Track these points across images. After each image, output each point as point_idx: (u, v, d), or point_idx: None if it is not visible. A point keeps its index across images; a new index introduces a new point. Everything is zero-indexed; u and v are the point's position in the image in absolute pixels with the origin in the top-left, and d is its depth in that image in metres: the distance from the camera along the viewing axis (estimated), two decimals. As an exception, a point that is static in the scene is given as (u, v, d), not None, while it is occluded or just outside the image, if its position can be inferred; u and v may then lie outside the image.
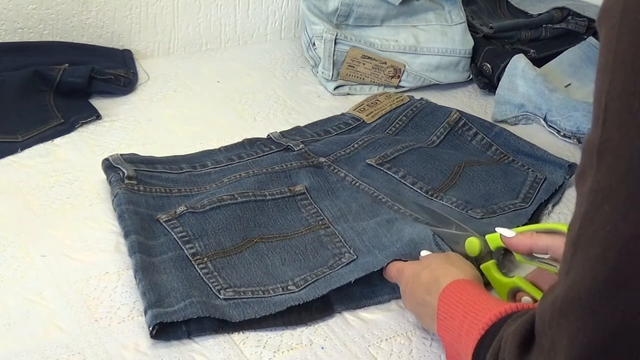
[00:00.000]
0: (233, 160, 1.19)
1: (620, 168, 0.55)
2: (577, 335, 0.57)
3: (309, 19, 1.47)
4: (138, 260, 0.98)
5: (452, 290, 0.84)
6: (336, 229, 1.07)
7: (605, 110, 0.56)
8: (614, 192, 0.55)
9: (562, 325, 0.58)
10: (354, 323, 0.97)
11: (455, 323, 0.81)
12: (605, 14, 0.57)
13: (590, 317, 0.56)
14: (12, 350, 0.89)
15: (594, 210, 0.56)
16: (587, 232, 0.57)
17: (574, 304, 0.57)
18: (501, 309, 0.75)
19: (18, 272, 1.00)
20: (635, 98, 0.54)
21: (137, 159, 1.17)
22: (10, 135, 1.24)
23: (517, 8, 1.61)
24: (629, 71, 0.54)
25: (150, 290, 0.94)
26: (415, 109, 1.33)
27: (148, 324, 0.91)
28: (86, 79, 1.34)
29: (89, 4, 1.45)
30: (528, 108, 1.38)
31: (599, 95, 0.56)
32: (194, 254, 1.01)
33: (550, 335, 0.60)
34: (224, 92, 1.43)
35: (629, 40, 0.54)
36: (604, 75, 0.56)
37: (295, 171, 1.16)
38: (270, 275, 1.00)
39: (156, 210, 1.08)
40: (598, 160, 0.56)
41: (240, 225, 1.06)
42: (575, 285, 0.57)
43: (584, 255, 0.57)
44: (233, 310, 0.94)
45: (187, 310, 0.92)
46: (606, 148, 0.56)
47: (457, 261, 0.91)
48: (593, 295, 0.56)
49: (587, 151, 0.58)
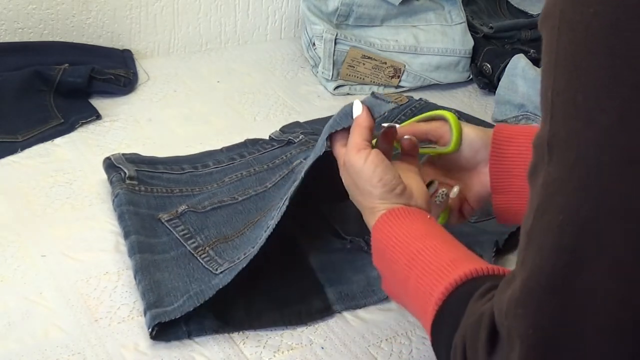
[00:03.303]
0: (235, 159, 1.20)
1: (570, 159, 0.57)
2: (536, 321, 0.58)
3: (309, 19, 1.47)
4: (138, 261, 0.99)
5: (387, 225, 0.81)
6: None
7: (552, 106, 0.58)
8: (565, 182, 0.57)
9: (519, 315, 0.59)
10: (354, 323, 0.97)
11: (398, 269, 0.78)
12: (545, 18, 0.59)
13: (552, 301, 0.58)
14: (12, 350, 0.89)
15: (546, 202, 0.58)
16: (541, 223, 0.58)
17: (534, 291, 0.58)
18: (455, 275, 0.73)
19: (18, 272, 1.00)
20: (578, 92, 0.56)
21: (139, 159, 1.17)
22: (10, 135, 1.24)
23: (517, 8, 1.61)
24: (571, 67, 0.57)
25: (149, 290, 0.94)
26: (414, 109, 1.33)
27: (147, 325, 0.91)
28: (86, 79, 1.34)
29: (89, 4, 1.45)
30: (528, 108, 1.38)
31: (545, 92, 0.59)
32: (196, 247, 1.02)
33: (506, 325, 0.60)
34: (224, 92, 1.43)
35: (569, 38, 0.57)
36: (548, 73, 0.58)
37: (295, 156, 1.16)
38: (259, 226, 1.00)
39: (157, 210, 1.08)
40: (549, 155, 0.58)
41: (241, 217, 1.07)
42: (534, 274, 0.58)
43: (539, 245, 0.59)
44: (227, 277, 0.94)
45: (184, 306, 0.92)
46: (555, 142, 0.58)
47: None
48: (555, 280, 0.57)
49: (538, 147, 0.60)
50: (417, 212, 0.83)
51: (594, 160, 0.56)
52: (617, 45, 0.55)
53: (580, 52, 0.56)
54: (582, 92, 0.56)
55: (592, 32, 0.56)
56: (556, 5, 0.58)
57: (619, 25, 0.54)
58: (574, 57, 0.56)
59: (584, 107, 0.56)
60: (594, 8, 0.55)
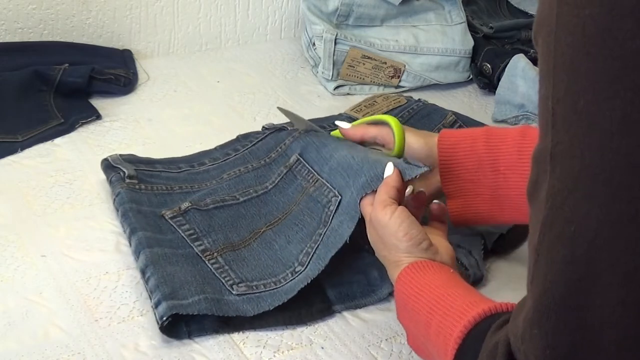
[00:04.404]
0: (229, 155, 1.19)
1: (575, 168, 0.55)
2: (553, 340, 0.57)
3: (309, 19, 1.47)
4: (147, 255, 0.98)
5: (410, 276, 0.82)
6: (322, 177, 1.05)
7: (552, 115, 0.56)
8: (572, 192, 0.56)
9: (534, 336, 0.58)
10: (354, 323, 0.97)
11: (420, 317, 0.79)
12: (540, 25, 0.58)
13: (568, 318, 0.56)
14: (12, 350, 0.89)
15: (553, 214, 0.57)
16: (549, 236, 0.57)
17: (549, 310, 0.57)
18: (474, 312, 0.73)
19: (18, 272, 1.00)
20: (579, 96, 0.55)
21: (136, 159, 1.17)
22: (10, 135, 1.24)
23: (517, 8, 1.61)
24: (570, 72, 0.55)
25: (164, 282, 0.94)
26: (412, 110, 1.33)
27: (161, 315, 0.90)
28: (86, 79, 1.34)
29: (89, 4, 1.45)
30: (528, 108, 1.38)
31: (545, 101, 0.57)
32: (203, 250, 1.01)
33: (522, 349, 0.59)
34: (224, 92, 1.43)
35: (567, 42, 0.55)
36: (547, 80, 0.57)
37: (290, 147, 1.14)
38: (279, 261, 1.00)
39: (159, 207, 1.08)
40: (552, 166, 0.57)
41: (245, 221, 1.06)
42: (547, 291, 0.57)
43: (549, 259, 0.57)
44: (247, 305, 0.94)
45: (201, 305, 0.92)
46: (558, 151, 0.56)
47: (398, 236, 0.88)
48: (570, 295, 0.56)
49: (539, 160, 0.58)
50: (441, 266, 0.84)
51: (599, 168, 0.54)
52: (615, 47, 0.53)
53: (578, 55, 0.55)
54: (582, 97, 0.55)
55: (589, 34, 0.54)
56: (552, 9, 0.56)
57: (614, 25, 0.53)
58: (572, 61, 0.55)
59: (585, 112, 0.55)
60: (589, 9, 0.54)
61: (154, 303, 0.93)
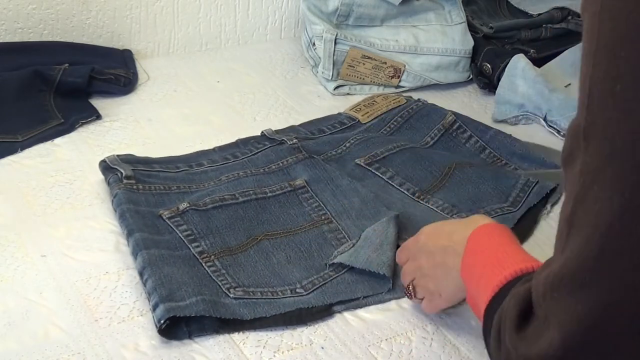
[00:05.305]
0: (228, 159, 1.19)
1: (605, 150, 0.57)
2: (568, 309, 0.59)
3: (309, 19, 1.47)
4: (145, 257, 0.98)
5: (481, 234, 0.85)
6: (340, 225, 1.08)
7: (589, 95, 0.58)
8: (601, 173, 0.58)
9: (555, 299, 0.61)
10: (354, 323, 0.97)
11: (476, 270, 0.82)
12: (587, 1, 0.60)
13: (580, 293, 0.59)
14: (12, 350, 0.89)
15: (584, 191, 0.59)
16: (579, 212, 0.60)
17: (565, 279, 0.60)
18: (517, 267, 0.76)
19: (18, 272, 1.00)
20: (617, 82, 0.56)
21: (134, 159, 1.17)
22: (10, 135, 1.24)
23: (517, 8, 1.61)
24: (610, 57, 0.57)
25: (161, 285, 0.94)
26: (411, 110, 1.33)
27: (159, 318, 0.91)
28: (86, 79, 1.34)
29: (89, 4, 1.45)
30: (528, 108, 1.38)
31: (584, 79, 0.59)
32: (200, 252, 1.01)
33: (544, 307, 0.62)
34: (224, 92, 1.43)
35: (609, 27, 0.57)
36: (588, 60, 0.59)
37: (292, 167, 1.16)
38: (278, 276, 1.00)
39: (157, 207, 1.08)
40: (585, 142, 0.59)
41: (243, 224, 1.06)
42: (568, 261, 0.60)
43: (577, 234, 0.60)
44: (243, 309, 0.94)
45: (199, 307, 0.92)
46: (592, 131, 0.58)
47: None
48: (582, 272, 0.59)
49: (574, 134, 0.60)
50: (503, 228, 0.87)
51: (629, 154, 0.56)
52: None
53: (620, 41, 0.56)
54: (620, 82, 0.56)
55: (632, 21, 0.56)
56: None
57: None
58: (614, 46, 0.57)
59: (622, 98, 0.56)
60: None
61: (152, 306, 0.93)
